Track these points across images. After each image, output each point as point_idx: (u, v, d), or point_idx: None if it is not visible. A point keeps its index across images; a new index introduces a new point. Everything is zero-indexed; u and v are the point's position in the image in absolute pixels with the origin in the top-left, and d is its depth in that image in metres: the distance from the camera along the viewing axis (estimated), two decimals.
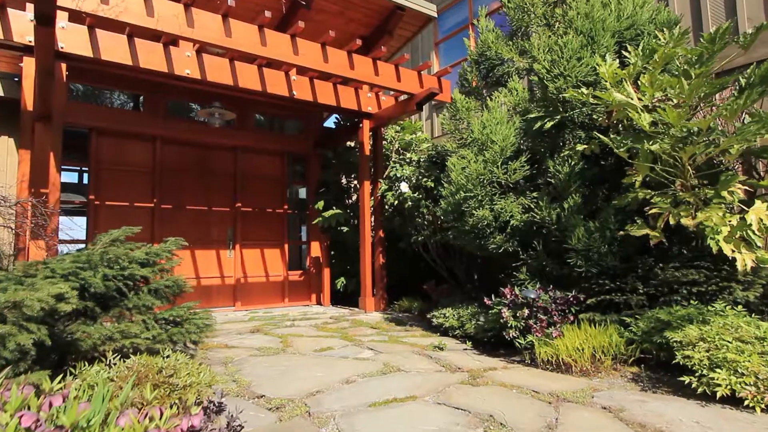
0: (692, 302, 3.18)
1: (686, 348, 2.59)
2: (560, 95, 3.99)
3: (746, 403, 2.31)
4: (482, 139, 4.40)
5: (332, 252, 7.84)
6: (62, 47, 4.53)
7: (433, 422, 2.29)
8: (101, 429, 1.10)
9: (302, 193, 8.33)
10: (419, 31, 7.27)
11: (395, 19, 6.66)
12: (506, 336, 3.62)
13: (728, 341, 2.49)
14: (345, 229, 7.37)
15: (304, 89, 6.14)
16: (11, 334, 1.69)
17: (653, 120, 3.36)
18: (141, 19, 4.28)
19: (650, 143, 3.27)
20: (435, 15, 6.77)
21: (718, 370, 2.39)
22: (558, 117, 4.05)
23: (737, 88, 3.49)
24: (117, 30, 4.77)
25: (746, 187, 3.33)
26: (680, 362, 2.58)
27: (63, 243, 6.01)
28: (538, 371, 3.21)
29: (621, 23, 4.20)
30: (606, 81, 3.66)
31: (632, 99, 3.45)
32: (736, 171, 3.68)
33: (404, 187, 6.20)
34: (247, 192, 7.43)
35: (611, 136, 3.59)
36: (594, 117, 4.05)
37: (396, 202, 6.54)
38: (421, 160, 6.67)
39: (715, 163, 3.57)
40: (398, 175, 6.45)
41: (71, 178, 7.93)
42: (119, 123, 6.38)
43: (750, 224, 3.06)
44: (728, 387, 2.33)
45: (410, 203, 6.25)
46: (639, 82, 3.54)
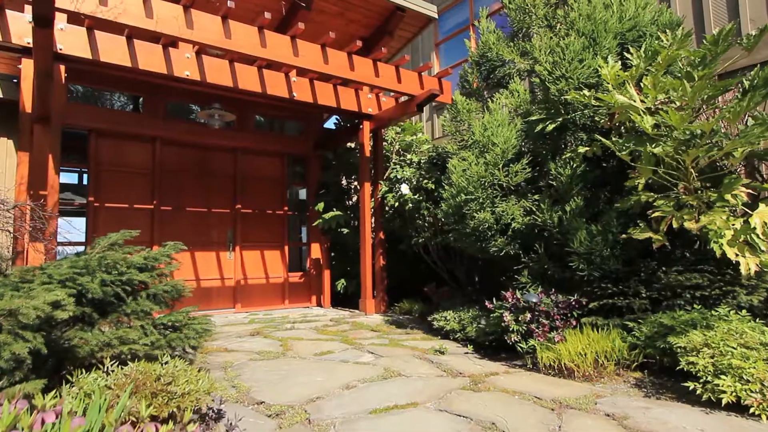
0: (695, 306, 3.15)
1: (690, 354, 2.56)
2: (562, 97, 3.97)
3: (752, 411, 2.28)
4: (483, 141, 4.37)
5: (332, 253, 7.82)
6: (61, 49, 4.50)
7: (435, 430, 2.27)
8: None
9: (302, 195, 8.30)
10: (420, 32, 7.24)
11: (395, 20, 6.64)
12: (508, 340, 3.59)
13: (733, 347, 2.46)
14: (345, 231, 7.34)
15: (304, 91, 6.11)
16: (6, 343, 1.66)
17: (656, 122, 3.33)
18: (140, 21, 4.25)
19: (653, 146, 3.24)
20: (435, 16, 6.74)
21: (723, 377, 2.36)
22: (560, 119, 4.02)
23: (740, 91, 3.46)
24: (116, 31, 4.74)
25: (750, 191, 3.29)
26: (684, 368, 2.55)
27: (62, 245, 5.99)
28: (540, 376, 3.18)
29: (623, 25, 4.17)
30: (608, 83, 3.63)
31: (635, 101, 3.43)
32: (739, 174, 3.65)
33: (405, 189, 6.17)
34: (247, 193, 7.40)
35: (613, 139, 3.56)
36: (596, 119, 4.02)
37: (396, 204, 6.51)
38: (422, 162, 6.65)
39: (718, 166, 3.54)
40: (399, 177, 6.42)
41: (71, 179, 7.90)
42: (119, 124, 6.35)
43: (754, 228, 3.04)
44: (733, 394, 2.30)
45: (411, 205, 6.22)
46: (641, 84, 3.51)
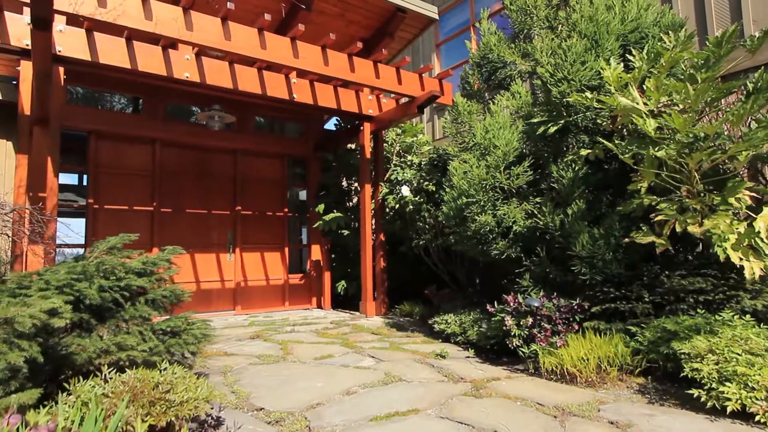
0: (699, 311, 3.13)
1: (695, 360, 2.54)
2: (564, 99, 3.94)
3: (757, 419, 2.25)
4: (485, 144, 4.34)
5: (333, 255, 7.79)
6: (60, 51, 4.48)
7: None
8: None
9: (302, 196, 8.27)
10: (420, 33, 7.22)
11: (396, 21, 6.61)
12: (509, 345, 3.56)
13: (738, 353, 2.44)
14: (346, 233, 7.31)
15: (305, 92, 6.09)
16: (1, 353, 1.63)
17: (658, 125, 3.30)
18: (139, 23, 4.23)
19: (656, 149, 3.21)
20: (436, 17, 6.71)
21: (728, 384, 2.33)
22: (562, 122, 3.99)
23: (744, 93, 3.43)
24: (115, 33, 4.71)
25: (753, 194, 3.27)
26: (688, 375, 2.52)
27: (61, 248, 5.97)
28: (543, 381, 3.16)
29: (625, 26, 4.14)
30: (610, 85, 3.61)
31: (638, 104, 3.40)
32: (743, 177, 3.62)
33: (405, 191, 6.14)
34: (247, 195, 7.38)
35: (616, 142, 3.53)
36: (598, 122, 3.99)
37: (397, 206, 6.48)
38: (423, 163, 6.62)
39: (722, 169, 3.52)
40: (399, 179, 6.39)
41: (71, 180, 7.86)
42: (118, 126, 6.33)
43: (758, 231, 3.01)
44: (738, 401, 2.28)
45: (411, 207, 6.19)
46: (644, 87, 3.49)
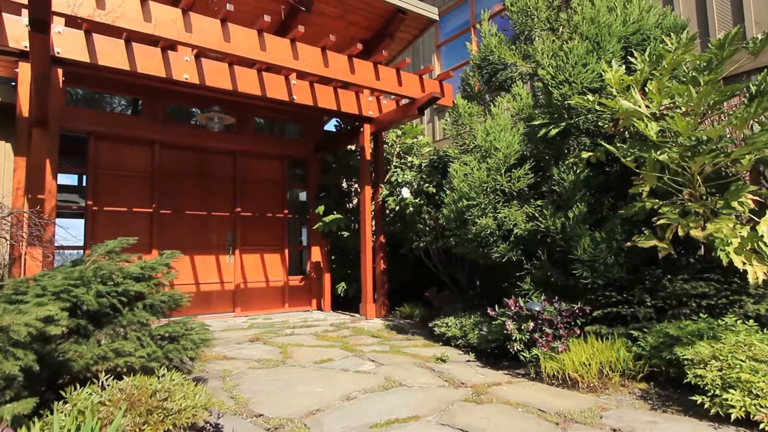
0: (702, 315, 3.10)
1: (698, 366, 2.51)
2: (565, 102, 3.91)
3: (762, 427, 2.22)
4: (485, 146, 4.32)
5: (333, 257, 7.77)
6: (58, 52, 4.45)
7: None
8: None
9: (302, 197, 8.25)
10: (420, 34, 7.20)
11: (396, 23, 6.59)
12: (510, 349, 3.54)
13: (741, 360, 2.41)
14: (346, 234, 7.29)
15: (304, 93, 6.06)
16: None
17: (661, 128, 3.28)
18: (138, 25, 4.20)
19: (658, 153, 3.19)
20: (436, 18, 6.69)
21: (732, 391, 2.31)
22: (563, 124, 3.97)
23: (747, 96, 3.41)
24: (114, 34, 4.68)
25: (756, 198, 3.24)
26: (692, 381, 2.50)
27: (60, 249, 5.95)
28: (544, 386, 3.13)
29: (627, 28, 4.12)
30: (612, 87, 3.59)
31: (639, 107, 3.37)
32: (745, 180, 3.60)
33: (405, 193, 6.12)
34: (247, 196, 7.35)
35: (618, 145, 3.51)
36: (599, 124, 3.97)
37: (397, 208, 6.46)
38: (423, 165, 6.59)
39: (724, 173, 3.49)
40: (399, 180, 6.37)
41: (71, 180, 7.84)
42: (118, 127, 6.30)
43: (761, 236, 2.98)
44: (743, 409, 2.25)
45: (412, 209, 6.17)
46: (646, 89, 3.46)
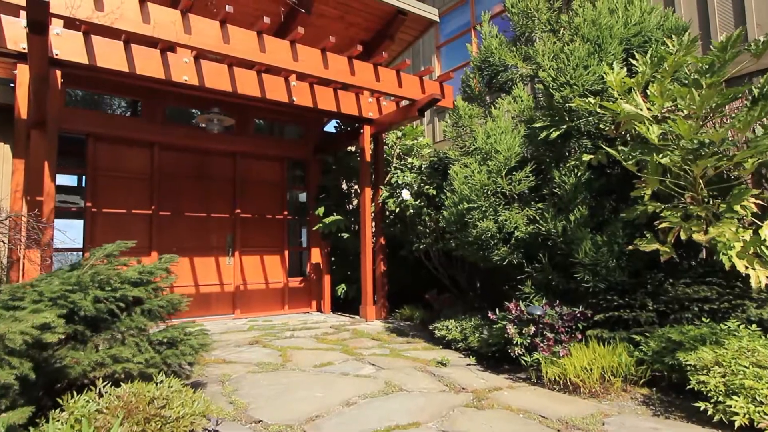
0: (704, 320, 3.08)
1: (701, 372, 2.49)
2: (566, 104, 3.89)
3: None
4: (486, 149, 4.29)
5: (333, 258, 7.74)
6: (57, 54, 4.43)
7: None
8: None
9: (302, 199, 8.23)
10: (421, 36, 7.18)
11: (397, 24, 6.56)
12: (511, 353, 3.52)
13: (745, 366, 2.39)
14: (346, 236, 7.27)
15: (304, 95, 6.04)
16: None
17: (662, 131, 3.26)
18: (137, 26, 4.18)
19: (660, 156, 3.17)
20: (437, 19, 6.67)
21: (735, 398, 2.29)
22: (564, 127, 3.95)
23: (750, 99, 3.39)
24: (113, 36, 4.66)
25: (759, 201, 3.22)
26: (695, 387, 2.48)
27: (59, 251, 5.93)
28: (545, 391, 3.11)
29: (628, 30, 4.09)
30: (613, 90, 3.56)
31: (641, 110, 3.35)
32: (747, 183, 3.58)
33: (406, 195, 6.09)
34: (247, 198, 7.33)
35: (619, 148, 3.48)
36: (601, 126, 3.94)
37: (397, 210, 6.44)
38: (423, 167, 6.57)
39: (725, 175, 3.47)
40: (400, 182, 6.34)
41: (71, 181, 7.81)
42: (117, 129, 6.28)
43: (764, 240, 2.96)
44: (746, 416, 2.23)
45: (412, 211, 6.15)
46: (648, 92, 3.44)
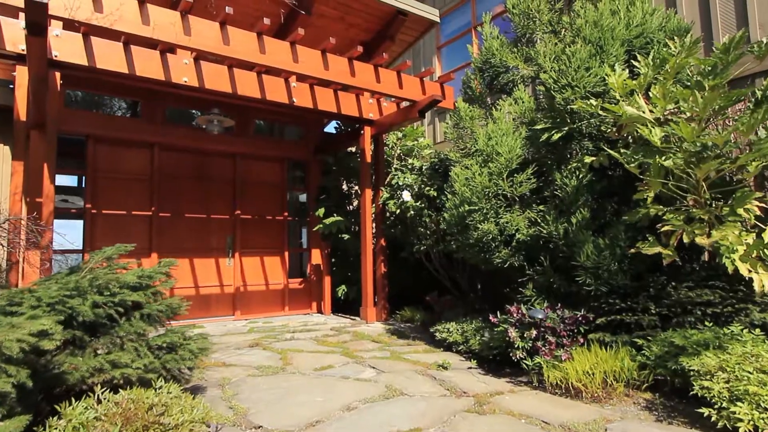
0: (707, 324, 3.06)
1: (704, 378, 2.47)
2: (568, 106, 3.87)
3: None
4: (487, 151, 4.27)
5: (333, 259, 7.73)
6: (56, 56, 4.41)
7: None
8: None
9: (302, 200, 8.21)
10: (421, 36, 7.15)
11: (397, 24, 6.54)
12: (513, 357, 3.49)
13: (749, 372, 2.37)
14: (346, 237, 7.25)
15: (304, 96, 6.02)
16: None
17: (665, 134, 3.23)
18: (136, 28, 4.16)
19: (663, 159, 3.14)
20: (437, 20, 6.65)
21: (740, 404, 2.27)
22: (566, 128, 3.92)
23: (753, 101, 3.37)
24: (113, 37, 4.64)
25: (762, 204, 3.20)
26: (698, 393, 2.46)
27: (58, 253, 5.90)
28: (547, 396, 3.09)
29: (630, 31, 4.07)
30: (615, 92, 3.54)
31: (644, 112, 3.33)
32: (751, 186, 3.55)
33: (406, 196, 6.07)
34: (247, 199, 7.32)
35: (621, 150, 3.46)
36: (602, 128, 3.92)
37: (398, 211, 6.42)
38: (424, 168, 6.55)
39: (729, 179, 3.45)
40: (400, 184, 6.32)
41: (71, 181, 7.80)
42: (117, 130, 6.27)
43: (767, 243, 2.94)
44: (751, 423, 2.21)
45: (412, 212, 6.13)
46: (650, 94, 3.42)
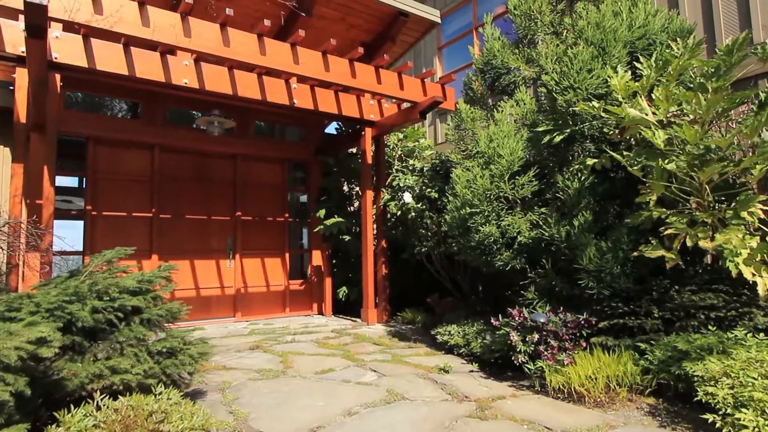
0: (710, 328, 3.04)
1: (708, 383, 2.45)
2: (570, 108, 3.85)
3: None
4: (489, 153, 4.25)
5: (334, 261, 7.70)
6: (56, 57, 4.39)
7: None
8: None
9: (303, 201, 8.19)
10: (422, 37, 7.12)
11: (398, 25, 6.52)
12: (515, 360, 3.47)
13: (754, 378, 2.35)
14: (347, 238, 7.23)
15: (305, 97, 6.00)
16: None
17: (668, 136, 3.21)
18: (136, 30, 4.14)
19: (666, 162, 3.12)
20: (439, 21, 6.62)
21: (744, 410, 2.25)
22: (568, 131, 3.90)
23: (756, 103, 3.34)
24: (113, 39, 4.62)
25: (766, 207, 3.17)
26: (702, 399, 2.44)
27: (58, 255, 5.88)
28: (549, 400, 3.07)
29: (633, 33, 4.05)
30: (618, 93, 3.52)
31: (646, 114, 3.31)
32: (754, 189, 3.53)
33: (407, 198, 6.05)
34: (247, 200, 7.30)
35: (624, 153, 3.44)
36: (605, 131, 3.90)
37: (399, 212, 6.39)
38: (425, 170, 6.53)
39: (732, 182, 3.43)
40: (401, 185, 6.30)
41: (72, 182, 7.78)
42: (117, 131, 6.25)
43: None
44: (756, 429, 2.19)
45: (413, 214, 6.10)
46: (653, 96, 3.39)
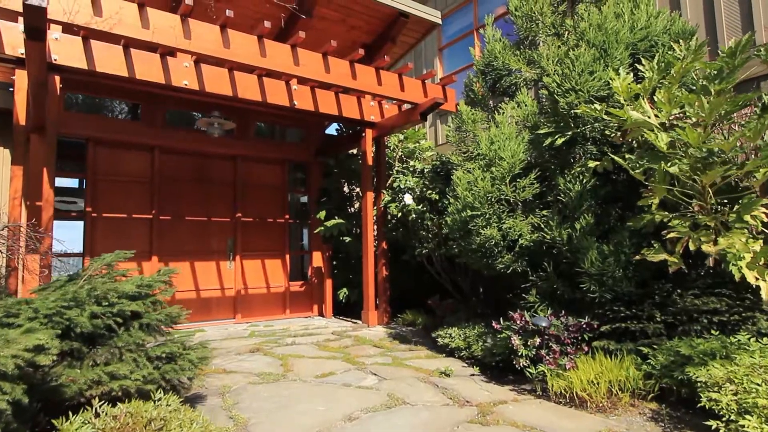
0: (713, 332, 3.02)
1: (712, 389, 2.43)
2: (572, 110, 3.83)
3: None
4: (490, 155, 4.23)
5: (334, 262, 7.69)
6: (56, 59, 4.38)
7: None
8: None
9: (304, 202, 8.17)
10: (423, 38, 7.10)
11: (399, 26, 6.50)
12: (516, 364, 3.46)
13: (758, 384, 2.33)
14: (347, 239, 7.21)
15: (305, 99, 5.98)
16: None
17: (671, 139, 3.19)
18: (136, 32, 4.12)
19: (668, 165, 3.10)
20: (439, 22, 6.60)
21: (749, 417, 2.23)
22: (569, 133, 3.88)
23: (760, 106, 3.33)
24: (113, 41, 4.61)
25: None
26: (706, 405, 2.42)
27: (58, 257, 5.87)
28: (551, 405, 3.05)
29: (635, 34, 4.03)
30: (620, 96, 3.50)
31: (649, 117, 3.29)
32: (757, 192, 3.51)
33: (408, 199, 6.03)
34: (248, 201, 7.28)
35: (626, 156, 3.42)
36: (607, 133, 3.88)
37: (399, 214, 6.38)
38: (425, 171, 6.51)
39: (734, 185, 3.40)
40: (402, 187, 6.28)
41: (72, 183, 7.76)
42: (117, 133, 6.23)
43: None
44: None
45: (414, 215, 6.09)
46: (655, 98, 3.37)
